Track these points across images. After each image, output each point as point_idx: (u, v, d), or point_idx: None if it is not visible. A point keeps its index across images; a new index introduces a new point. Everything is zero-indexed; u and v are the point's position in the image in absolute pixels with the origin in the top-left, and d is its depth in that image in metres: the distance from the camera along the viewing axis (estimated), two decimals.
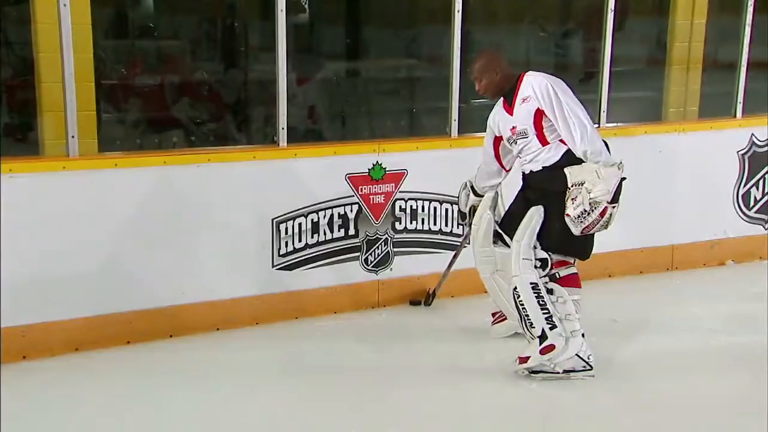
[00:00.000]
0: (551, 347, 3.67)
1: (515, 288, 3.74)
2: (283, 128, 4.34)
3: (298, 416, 3.48)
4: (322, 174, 4.45)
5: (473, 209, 4.15)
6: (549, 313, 3.70)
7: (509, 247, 3.91)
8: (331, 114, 6.36)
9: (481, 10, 6.41)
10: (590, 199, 3.55)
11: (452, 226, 4.72)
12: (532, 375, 3.74)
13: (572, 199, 3.60)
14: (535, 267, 3.74)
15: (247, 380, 3.76)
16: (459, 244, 4.50)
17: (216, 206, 4.20)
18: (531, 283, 3.71)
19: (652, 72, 6.27)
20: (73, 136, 3.93)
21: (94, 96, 4.17)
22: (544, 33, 7.11)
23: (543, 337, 3.69)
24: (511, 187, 4.04)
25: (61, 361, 3.89)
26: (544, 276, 3.76)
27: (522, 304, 3.72)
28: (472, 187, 4.22)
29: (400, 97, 6.63)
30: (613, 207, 3.57)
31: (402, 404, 3.59)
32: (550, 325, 3.69)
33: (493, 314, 4.25)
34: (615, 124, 5.09)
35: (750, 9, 5.16)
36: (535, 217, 3.75)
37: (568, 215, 3.61)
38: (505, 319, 4.15)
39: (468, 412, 3.52)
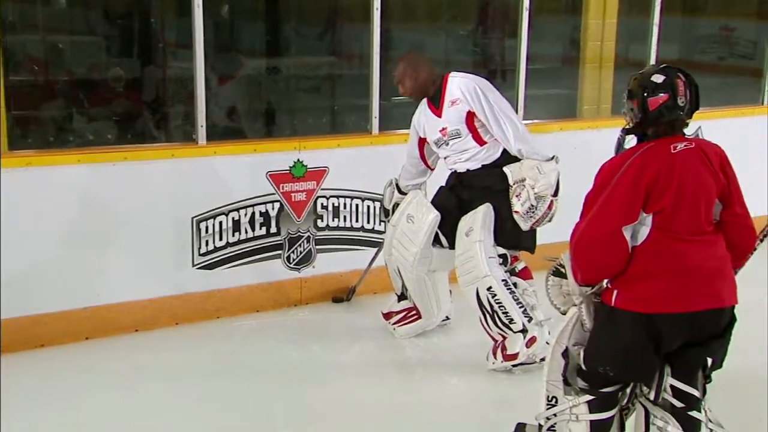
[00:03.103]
0: (534, 339, 3.73)
1: (489, 287, 3.74)
2: (202, 126, 4.28)
3: (220, 416, 3.46)
4: (242, 172, 4.41)
5: (397, 207, 4.18)
6: (523, 306, 3.76)
7: (443, 246, 3.96)
8: (252, 112, 6.31)
9: (400, 7, 6.46)
10: (535, 194, 3.64)
11: (374, 223, 4.74)
12: (514, 369, 3.78)
13: (517, 196, 3.69)
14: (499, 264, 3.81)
15: (167, 382, 3.71)
16: (382, 240, 4.52)
17: (133, 205, 4.13)
18: (502, 280, 3.76)
19: (567, 70, 6.42)
20: None
21: (2, 93, 4.03)
22: (463, 32, 7.22)
23: (524, 330, 3.74)
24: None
25: None
26: (507, 272, 3.83)
27: (499, 302, 3.74)
28: (397, 184, 4.24)
29: (321, 95, 6.63)
30: (556, 200, 3.68)
31: (324, 401, 3.61)
32: (527, 318, 3.75)
33: (387, 315, 4.26)
34: (531, 121, 5.18)
35: (657, 9, 5.34)
36: (488, 215, 3.80)
37: (516, 212, 3.69)
38: (412, 319, 4.18)
39: (390, 408, 3.54)
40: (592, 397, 2.68)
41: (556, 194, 3.70)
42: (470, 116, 3.79)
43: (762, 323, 4.09)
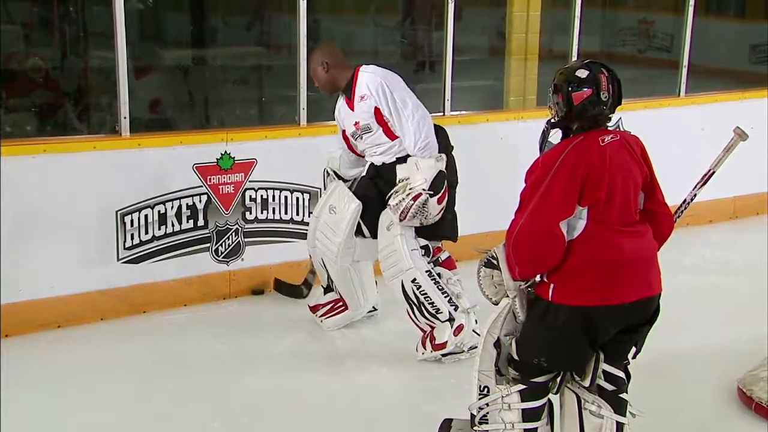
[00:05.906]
0: (461, 327, 3.77)
1: (413, 279, 3.76)
2: (125, 117, 4.20)
3: (149, 412, 3.42)
4: (168, 164, 4.33)
5: None
6: (448, 295, 3.80)
7: (365, 236, 3.97)
8: (179, 103, 6.22)
9: None
10: (409, 189, 3.66)
11: (303, 215, 4.73)
12: (443, 359, 3.81)
13: (396, 192, 3.71)
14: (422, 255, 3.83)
15: (92, 378, 3.64)
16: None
17: (55, 199, 4.02)
18: (426, 271, 3.78)
19: (493, 62, 6.50)
20: None
21: None
22: (391, 23, 7.25)
23: (451, 319, 3.77)
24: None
25: None
26: (430, 262, 3.85)
27: (424, 293, 3.77)
28: (336, 174, 4.23)
29: (248, 86, 6.57)
30: (430, 195, 3.65)
31: (256, 393, 3.59)
32: (453, 307, 3.79)
33: (314, 308, 4.26)
34: (459, 113, 5.24)
35: (579, 2, 5.45)
36: None
37: (388, 205, 3.71)
38: (339, 310, 4.19)
39: (322, 399, 3.55)
40: (524, 387, 2.73)
41: (433, 191, 3.67)
42: (378, 111, 3.80)
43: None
